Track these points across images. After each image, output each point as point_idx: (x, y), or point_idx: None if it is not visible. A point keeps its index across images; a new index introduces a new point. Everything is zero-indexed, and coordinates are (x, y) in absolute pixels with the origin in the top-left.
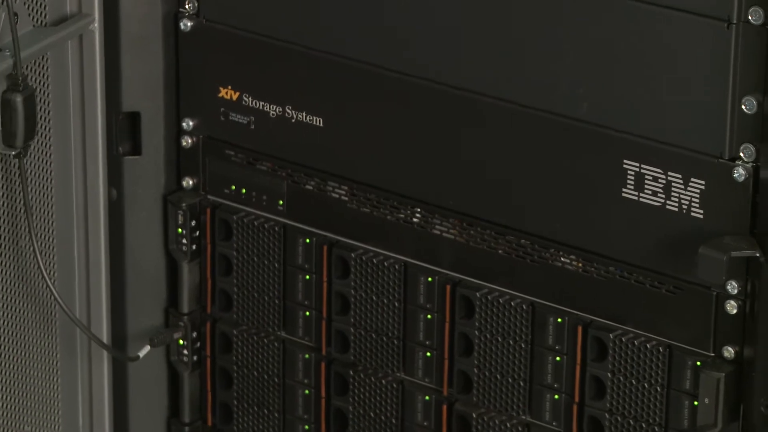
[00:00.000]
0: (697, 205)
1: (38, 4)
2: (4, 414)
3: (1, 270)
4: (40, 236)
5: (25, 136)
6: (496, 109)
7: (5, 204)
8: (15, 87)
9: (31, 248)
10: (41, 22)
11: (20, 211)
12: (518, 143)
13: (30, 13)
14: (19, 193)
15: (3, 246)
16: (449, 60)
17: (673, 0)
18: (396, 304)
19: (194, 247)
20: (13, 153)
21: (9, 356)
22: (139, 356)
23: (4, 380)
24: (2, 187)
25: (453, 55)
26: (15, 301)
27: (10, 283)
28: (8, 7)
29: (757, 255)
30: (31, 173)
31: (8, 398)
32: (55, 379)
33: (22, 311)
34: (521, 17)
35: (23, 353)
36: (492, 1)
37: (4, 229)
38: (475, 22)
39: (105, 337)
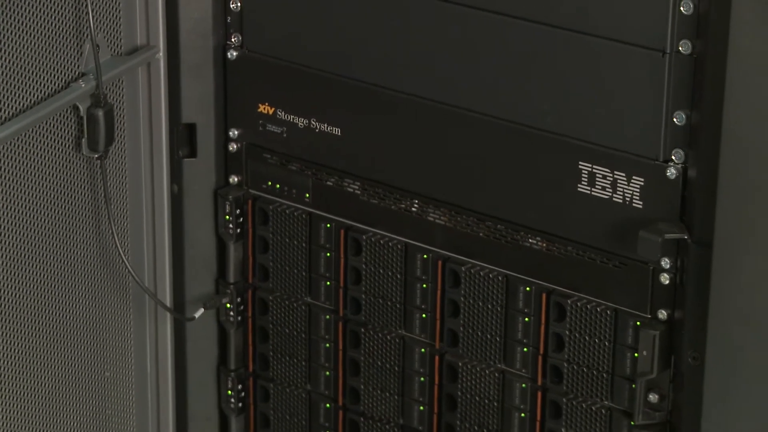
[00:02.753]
0: (638, 198)
1: (115, 37)
2: (89, 363)
3: (86, 249)
4: (117, 222)
5: (106, 142)
6: (479, 122)
7: (90, 196)
8: (97, 103)
9: (110, 231)
10: (118, 52)
11: (101, 201)
12: (495, 148)
13: (109, 45)
14: (101, 187)
15: (88, 230)
16: (442, 83)
17: (620, 34)
18: (398, 276)
19: (239, 230)
20: (96, 156)
21: (92, 317)
22: (195, 317)
23: (88, 336)
24: (87, 182)
25: (445, 79)
26: (97, 273)
27: (93, 259)
28: (92, 40)
29: (686, 237)
30: (110, 172)
31: (91, 350)
32: (128, 335)
33: (102, 281)
34: (499, 54)
35: (103, 315)
36: (475, 40)
37: (89, 216)
38: (466, 55)
39: (168, 302)
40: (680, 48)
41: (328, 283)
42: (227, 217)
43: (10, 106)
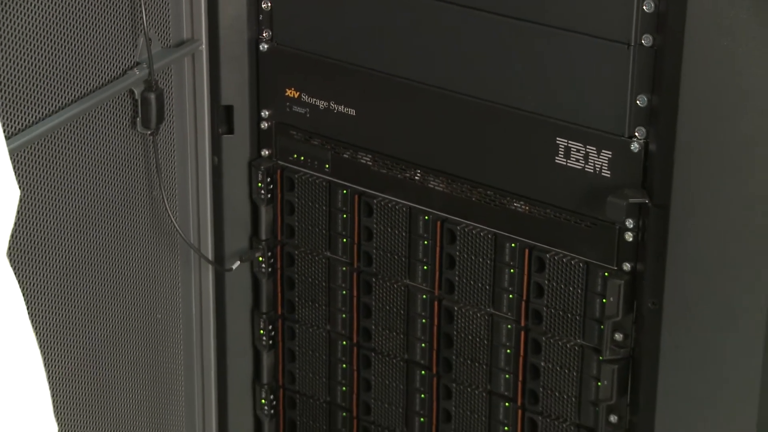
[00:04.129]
0: (606, 168)
1: (165, 32)
2: (144, 307)
3: (140, 212)
4: (167, 188)
5: (157, 121)
6: (472, 104)
7: (144, 166)
8: (150, 88)
9: (161, 196)
10: (167, 44)
11: (153, 171)
12: (486, 126)
13: (159, 38)
14: (153, 159)
15: (142, 195)
16: (442, 71)
17: (591, 29)
18: (404, 234)
19: (269, 195)
20: (149, 132)
21: (146, 269)
22: (232, 268)
23: (143, 285)
24: (141, 155)
25: (444, 68)
26: (150, 232)
27: (147, 220)
28: (145, 35)
29: (647, 201)
30: (160, 146)
31: (146, 296)
32: (176, 283)
33: (154, 238)
34: (492, 47)
35: (156, 267)
36: (472, 36)
37: (143, 184)
38: (462, 49)
39: (210, 255)
40: (643, 41)
41: (345, 240)
42: (259, 184)
43: (77, 89)
